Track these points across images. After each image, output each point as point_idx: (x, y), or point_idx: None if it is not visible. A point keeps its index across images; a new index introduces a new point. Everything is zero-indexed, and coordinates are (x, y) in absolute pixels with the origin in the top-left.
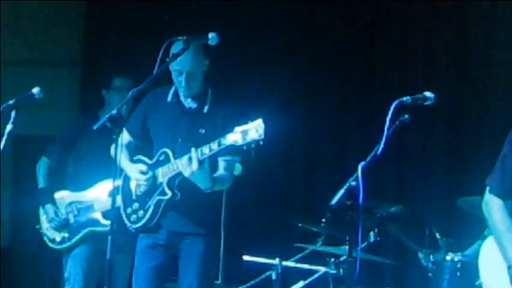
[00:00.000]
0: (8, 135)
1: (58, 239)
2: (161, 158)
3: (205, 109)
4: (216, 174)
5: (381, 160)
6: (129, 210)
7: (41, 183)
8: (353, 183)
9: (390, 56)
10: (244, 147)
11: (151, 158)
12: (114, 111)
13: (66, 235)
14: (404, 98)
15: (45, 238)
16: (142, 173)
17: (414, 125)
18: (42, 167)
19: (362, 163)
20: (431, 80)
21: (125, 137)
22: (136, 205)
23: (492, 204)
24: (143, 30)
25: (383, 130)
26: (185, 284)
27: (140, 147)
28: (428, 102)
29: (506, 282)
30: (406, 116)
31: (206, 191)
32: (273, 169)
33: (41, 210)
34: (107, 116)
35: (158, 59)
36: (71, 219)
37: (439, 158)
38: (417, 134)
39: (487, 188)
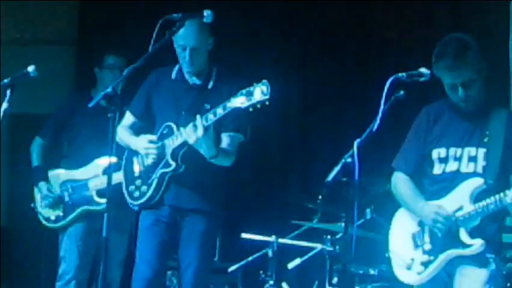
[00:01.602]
0: (3, 114)
1: (53, 217)
2: (164, 132)
3: (210, 85)
4: (220, 146)
5: (377, 137)
6: (132, 187)
7: (35, 161)
8: (349, 159)
9: (387, 27)
10: (250, 109)
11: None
12: (109, 90)
13: (61, 213)
14: (400, 74)
15: (40, 217)
16: (152, 142)
17: (410, 101)
18: (36, 146)
19: (358, 140)
20: (429, 49)
21: (128, 118)
22: (138, 182)
23: (398, 179)
24: (138, 9)
25: (379, 106)
26: (186, 262)
27: (144, 129)
28: (423, 79)
29: (410, 248)
30: (402, 92)
31: (210, 159)
32: (269, 147)
33: (35, 189)
34: (102, 94)
35: (153, 37)
36: (66, 198)
37: None
38: (413, 110)
39: (395, 170)
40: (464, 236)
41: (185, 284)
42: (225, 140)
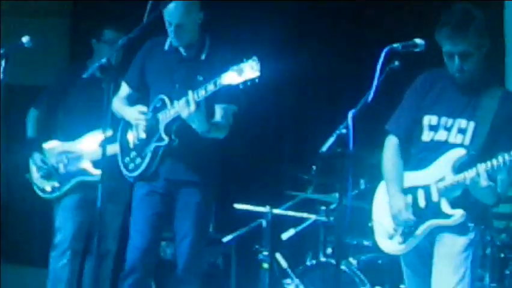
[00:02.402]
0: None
1: (48, 188)
2: (158, 105)
3: (203, 56)
4: (214, 121)
5: (372, 107)
6: (127, 159)
7: (30, 133)
8: (344, 130)
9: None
10: (241, 86)
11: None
12: (104, 60)
13: (56, 184)
14: (395, 45)
15: (35, 187)
16: (143, 113)
17: (405, 72)
18: (31, 117)
19: (352, 110)
20: (424, 20)
21: (124, 89)
22: (133, 153)
23: (389, 143)
24: None
25: (374, 77)
26: (181, 233)
27: (142, 100)
28: (418, 49)
29: (388, 217)
30: (396, 63)
31: (203, 134)
32: (264, 117)
33: (30, 160)
34: (97, 64)
35: (148, 8)
36: (61, 169)
37: None
38: (408, 80)
39: (387, 132)
40: (445, 206)
41: (180, 255)
42: (219, 111)
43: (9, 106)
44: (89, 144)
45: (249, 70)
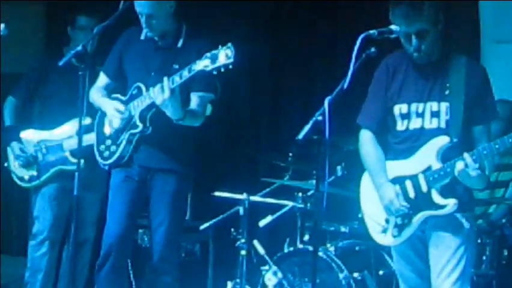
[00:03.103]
0: None
1: (26, 177)
2: (134, 92)
3: (179, 44)
4: (188, 108)
5: (348, 94)
6: (102, 147)
7: (7, 121)
8: (320, 117)
9: None
10: (214, 72)
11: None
12: (79, 48)
13: (35, 173)
14: (371, 31)
15: (13, 176)
16: (119, 111)
17: (380, 58)
18: (8, 105)
19: (329, 97)
20: None
21: (102, 79)
22: (108, 141)
23: (364, 138)
24: None
25: (350, 63)
26: (156, 221)
27: (120, 89)
28: (394, 36)
29: (381, 208)
30: (372, 49)
31: (177, 122)
32: (240, 104)
33: (8, 149)
34: (72, 52)
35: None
36: (40, 157)
37: None
38: None
39: (360, 127)
40: (436, 196)
41: (156, 243)
42: (194, 99)
43: None
44: (68, 133)
45: (223, 57)
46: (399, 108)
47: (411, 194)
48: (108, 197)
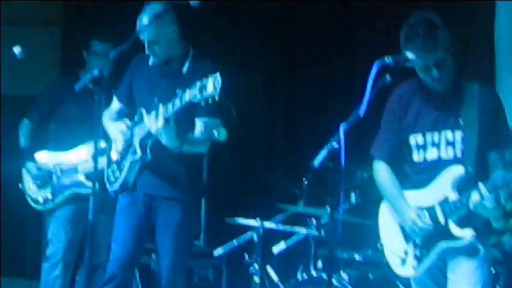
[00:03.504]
0: None
1: (41, 199)
2: (137, 119)
3: (184, 69)
4: (190, 136)
5: (364, 121)
6: (109, 171)
7: (23, 143)
8: (335, 144)
9: (372, 13)
10: (202, 103)
11: None
12: (95, 72)
13: (49, 196)
14: (386, 59)
15: (28, 198)
16: (121, 132)
17: (395, 85)
18: (23, 128)
19: (344, 124)
20: None
21: (115, 103)
22: (114, 166)
23: (378, 169)
24: None
25: (365, 90)
26: (161, 251)
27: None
28: (409, 64)
29: (401, 240)
30: (388, 77)
31: (174, 150)
32: (254, 130)
33: (23, 170)
34: (88, 76)
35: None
36: (55, 180)
37: None
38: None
39: (374, 157)
40: (453, 227)
41: (163, 270)
42: (198, 125)
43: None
44: (82, 156)
45: (210, 87)
46: (415, 139)
47: (430, 225)
48: None
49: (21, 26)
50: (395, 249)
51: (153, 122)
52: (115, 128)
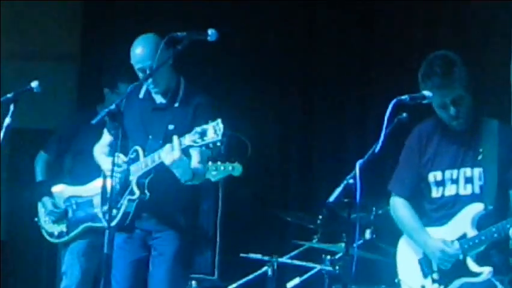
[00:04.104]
0: (6, 129)
1: (56, 232)
2: (132, 156)
3: (176, 103)
4: (193, 167)
5: (379, 158)
6: (105, 208)
7: (39, 176)
8: (351, 181)
9: (389, 48)
10: (203, 148)
11: None
12: (113, 107)
13: (64, 229)
14: (403, 97)
15: (43, 231)
16: (116, 165)
17: (412, 122)
18: (40, 161)
19: (360, 161)
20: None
21: (105, 136)
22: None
23: (397, 205)
24: (142, 26)
25: (381, 128)
26: (153, 284)
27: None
28: (426, 101)
29: (419, 275)
30: (404, 115)
31: (186, 182)
32: (270, 165)
33: (39, 204)
34: (105, 111)
35: (157, 54)
36: (70, 214)
37: None
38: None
39: (392, 193)
40: (471, 264)
41: None
42: (195, 156)
43: (14, 149)
44: (98, 189)
45: (211, 133)
46: (434, 176)
47: (446, 268)
48: None
49: (40, 60)
50: (413, 285)
51: (169, 154)
52: (107, 162)
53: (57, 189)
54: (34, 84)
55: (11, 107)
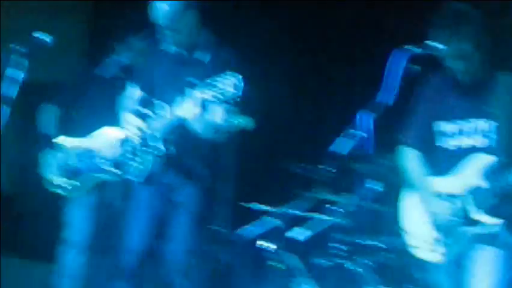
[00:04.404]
0: (19, 83)
1: (63, 185)
2: (158, 111)
3: (199, 57)
4: (213, 122)
5: (392, 111)
6: (129, 160)
7: (46, 129)
8: (363, 133)
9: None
10: (223, 103)
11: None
12: (125, 60)
13: (73, 182)
14: (415, 49)
15: (50, 184)
16: (139, 128)
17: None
18: (47, 113)
19: (373, 114)
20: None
21: (133, 91)
22: (134, 156)
23: (406, 155)
24: None
25: (391, 79)
26: (172, 234)
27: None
28: (437, 53)
29: (427, 228)
30: (416, 67)
31: (207, 137)
32: (281, 118)
33: (48, 156)
34: (118, 65)
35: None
36: (80, 166)
37: None
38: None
39: (401, 144)
40: (483, 216)
41: (170, 252)
42: (216, 111)
43: (27, 103)
44: (105, 141)
45: (232, 88)
46: (446, 127)
47: (459, 213)
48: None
49: (52, 13)
50: (423, 236)
51: (190, 109)
52: (135, 119)
53: (68, 142)
54: (47, 37)
55: (25, 61)
